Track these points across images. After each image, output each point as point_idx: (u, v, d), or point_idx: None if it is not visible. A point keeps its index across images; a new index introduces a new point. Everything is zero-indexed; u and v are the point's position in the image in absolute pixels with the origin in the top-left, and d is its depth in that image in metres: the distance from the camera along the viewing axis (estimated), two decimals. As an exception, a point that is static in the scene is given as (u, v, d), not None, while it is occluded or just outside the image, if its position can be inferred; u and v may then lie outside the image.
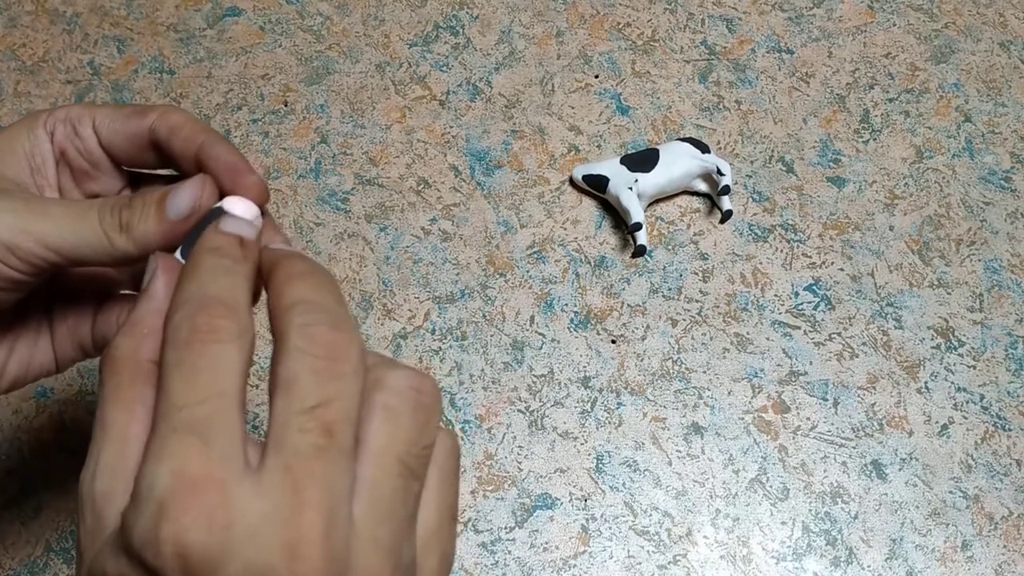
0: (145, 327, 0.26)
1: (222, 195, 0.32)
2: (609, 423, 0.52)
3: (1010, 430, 0.52)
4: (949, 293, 0.56)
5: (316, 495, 0.22)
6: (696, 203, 0.58)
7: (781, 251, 0.57)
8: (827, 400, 0.53)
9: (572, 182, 0.59)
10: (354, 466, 0.24)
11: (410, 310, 0.55)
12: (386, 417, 0.24)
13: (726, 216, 0.56)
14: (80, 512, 0.25)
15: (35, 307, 0.36)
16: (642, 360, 0.54)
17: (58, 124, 0.34)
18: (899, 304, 0.55)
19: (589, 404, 0.52)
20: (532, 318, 0.55)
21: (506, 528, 0.49)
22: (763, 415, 0.52)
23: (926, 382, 0.53)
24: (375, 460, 0.24)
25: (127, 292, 0.38)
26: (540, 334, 0.54)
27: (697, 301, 0.55)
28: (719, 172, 0.55)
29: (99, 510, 0.24)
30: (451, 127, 0.61)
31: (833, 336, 0.54)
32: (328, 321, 0.25)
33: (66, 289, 0.37)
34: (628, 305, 0.55)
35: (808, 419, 0.52)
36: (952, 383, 0.53)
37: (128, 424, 0.25)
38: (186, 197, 0.30)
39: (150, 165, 0.35)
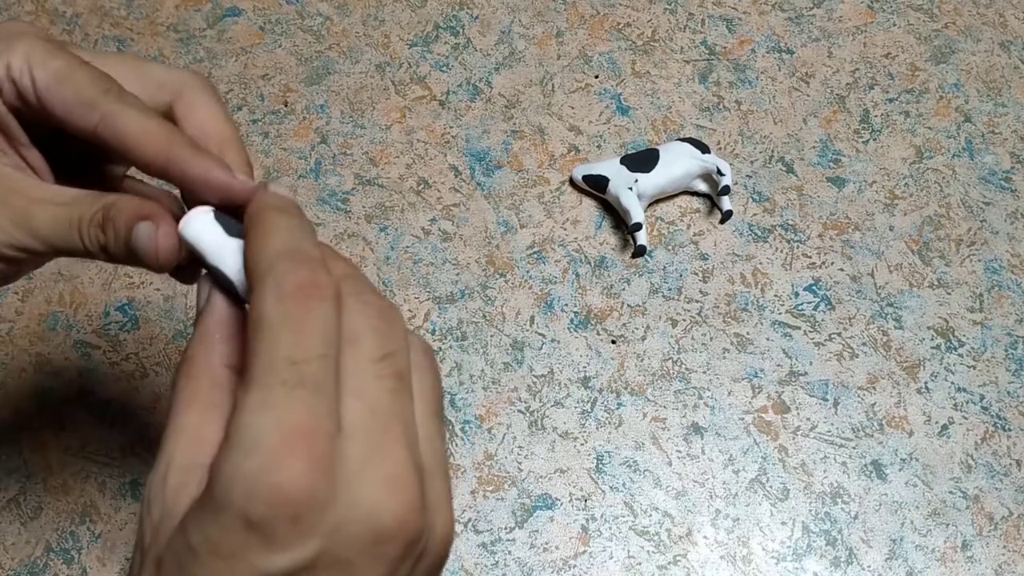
0: (217, 334, 0.28)
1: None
2: (609, 423, 0.52)
3: (1010, 430, 0.52)
4: (949, 293, 0.56)
5: (400, 432, 0.25)
6: (696, 203, 0.58)
7: (781, 251, 0.57)
8: (827, 400, 0.53)
9: (572, 182, 0.59)
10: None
11: (410, 310, 0.55)
12: (420, 374, 0.27)
13: (726, 216, 0.56)
14: (146, 511, 0.26)
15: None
16: (642, 360, 0.54)
17: (3, 82, 0.31)
18: (899, 304, 0.55)
19: (589, 404, 0.52)
20: (532, 318, 0.55)
21: (506, 528, 0.49)
22: (763, 415, 0.52)
23: (926, 382, 0.53)
24: (421, 407, 0.27)
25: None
26: (540, 334, 0.54)
27: (697, 301, 0.55)
28: (719, 172, 0.55)
29: (170, 505, 0.25)
30: (451, 127, 0.61)
31: (833, 336, 0.54)
32: (373, 290, 0.27)
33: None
34: (628, 305, 0.55)
35: (808, 419, 0.52)
36: (952, 383, 0.53)
37: (203, 426, 0.26)
38: (146, 243, 0.30)
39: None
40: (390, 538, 0.24)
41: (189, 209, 0.30)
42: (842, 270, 0.56)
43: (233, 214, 0.30)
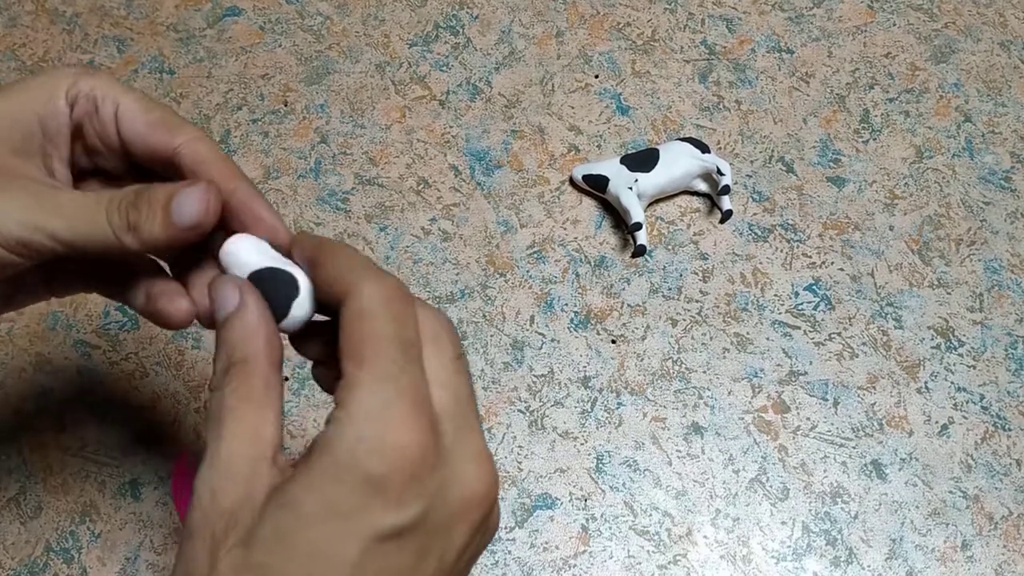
0: (264, 334, 0.30)
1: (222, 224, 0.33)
2: (609, 423, 0.52)
3: (1010, 430, 0.52)
4: (949, 293, 0.56)
5: (475, 419, 0.29)
6: (696, 203, 0.58)
7: (781, 251, 0.57)
8: (827, 400, 0.53)
9: (572, 182, 0.59)
10: None
11: (410, 310, 0.55)
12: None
13: (726, 216, 0.56)
14: (210, 498, 0.27)
15: (36, 278, 0.37)
16: (642, 360, 0.54)
17: (80, 99, 0.33)
18: (899, 304, 0.55)
19: (589, 404, 0.52)
20: (532, 318, 0.55)
21: (506, 528, 0.49)
22: (763, 415, 0.52)
23: (926, 382, 0.53)
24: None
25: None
26: (540, 334, 0.54)
27: (697, 301, 0.55)
28: (719, 172, 0.55)
29: (245, 491, 0.27)
30: (451, 127, 0.61)
31: (833, 336, 0.54)
32: (436, 308, 0.31)
33: (66, 269, 0.37)
34: (628, 305, 0.55)
35: (808, 419, 0.52)
36: (952, 383, 0.53)
37: (260, 424, 0.28)
38: (192, 208, 0.31)
39: (164, 175, 0.34)
40: (476, 505, 0.28)
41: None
42: (842, 270, 0.56)
43: None
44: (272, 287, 0.31)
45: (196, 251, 0.35)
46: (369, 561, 0.26)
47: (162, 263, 0.36)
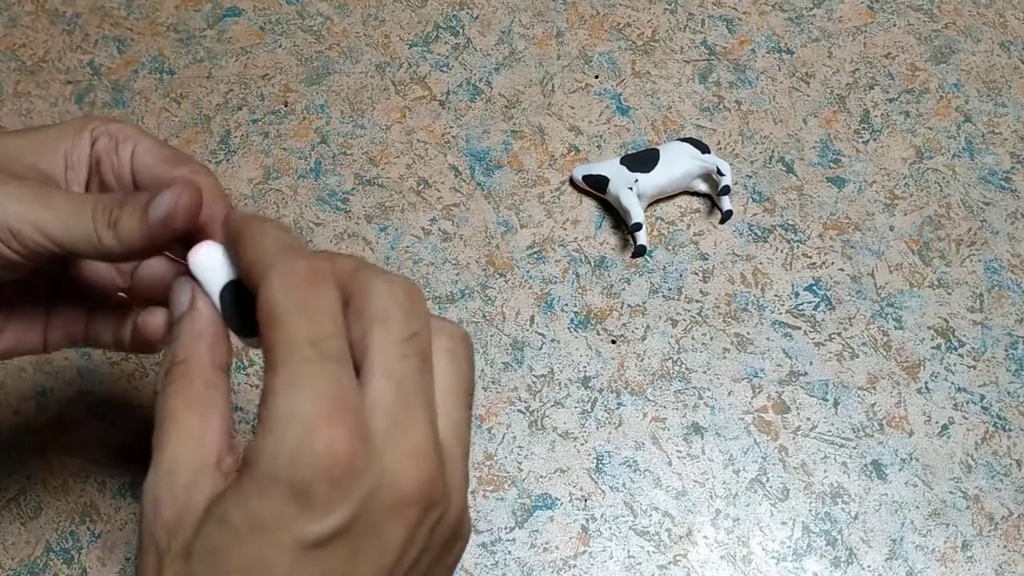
0: (209, 337, 0.29)
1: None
2: (609, 423, 0.52)
3: (1010, 430, 0.52)
4: (949, 293, 0.56)
5: (423, 410, 0.27)
6: (696, 203, 0.58)
7: (781, 251, 0.57)
8: (827, 400, 0.53)
9: (572, 182, 0.59)
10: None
11: (410, 310, 0.55)
12: (451, 359, 0.29)
13: (726, 216, 0.56)
14: (153, 513, 0.27)
15: (38, 295, 0.38)
16: (642, 360, 0.54)
17: (102, 136, 0.36)
18: (899, 304, 0.55)
19: (589, 404, 0.52)
20: (532, 318, 0.55)
21: (506, 528, 0.49)
22: (763, 415, 0.52)
23: (926, 382, 0.53)
24: (449, 393, 0.29)
25: (122, 295, 0.39)
26: (540, 334, 0.54)
27: (697, 301, 0.55)
28: (719, 172, 0.55)
29: (185, 501, 0.27)
30: (451, 127, 0.61)
31: (833, 336, 0.54)
32: (401, 277, 0.29)
33: (70, 286, 0.39)
34: (628, 305, 0.55)
35: (808, 419, 0.52)
36: (952, 383, 0.53)
37: (203, 427, 0.28)
38: (164, 200, 0.32)
39: None
40: (410, 503, 0.26)
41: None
42: (842, 270, 0.56)
43: None
44: (243, 301, 0.30)
45: None
46: (300, 571, 0.25)
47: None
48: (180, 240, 0.33)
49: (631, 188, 0.55)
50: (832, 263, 0.56)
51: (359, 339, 0.27)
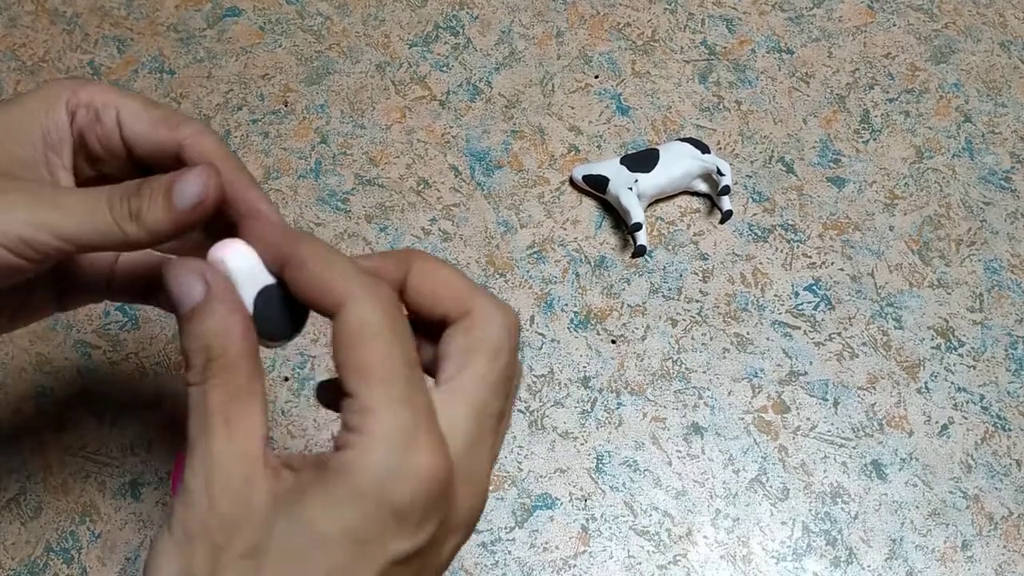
0: (238, 330, 0.29)
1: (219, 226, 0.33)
2: (609, 423, 0.52)
3: (1010, 430, 0.52)
4: (949, 293, 0.56)
5: (490, 448, 0.30)
6: (696, 203, 0.58)
7: (781, 251, 0.57)
8: (827, 400, 0.53)
9: (572, 182, 0.59)
10: None
11: (410, 310, 0.55)
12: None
13: (726, 216, 0.56)
14: (205, 501, 0.27)
15: (44, 287, 0.38)
16: (642, 360, 0.54)
17: (80, 107, 0.34)
18: (899, 304, 0.55)
19: (589, 404, 0.52)
20: (532, 318, 0.55)
21: (506, 528, 0.49)
22: (763, 415, 0.52)
23: (926, 382, 0.53)
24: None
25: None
26: (540, 334, 0.54)
27: (697, 301, 0.55)
28: (719, 172, 0.55)
29: (244, 496, 0.27)
30: (451, 127, 0.61)
31: (833, 336, 0.54)
32: (511, 309, 0.31)
33: (72, 277, 0.38)
34: (628, 305, 0.55)
35: (808, 419, 0.52)
36: (952, 383, 0.53)
37: (252, 420, 0.28)
38: (193, 188, 0.31)
39: (168, 169, 0.34)
40: (465, 526, 0.29)
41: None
42: (842, 270, 0.56)
43: None
44: (279, 308, 0.30)
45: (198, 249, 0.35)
46: None
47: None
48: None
49: (631, 188, 0.55)
50: (832, 263, 0.56)
51: (458, 352, 0.29)
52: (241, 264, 0.30)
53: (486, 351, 0.29)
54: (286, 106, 0.61)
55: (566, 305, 0.55)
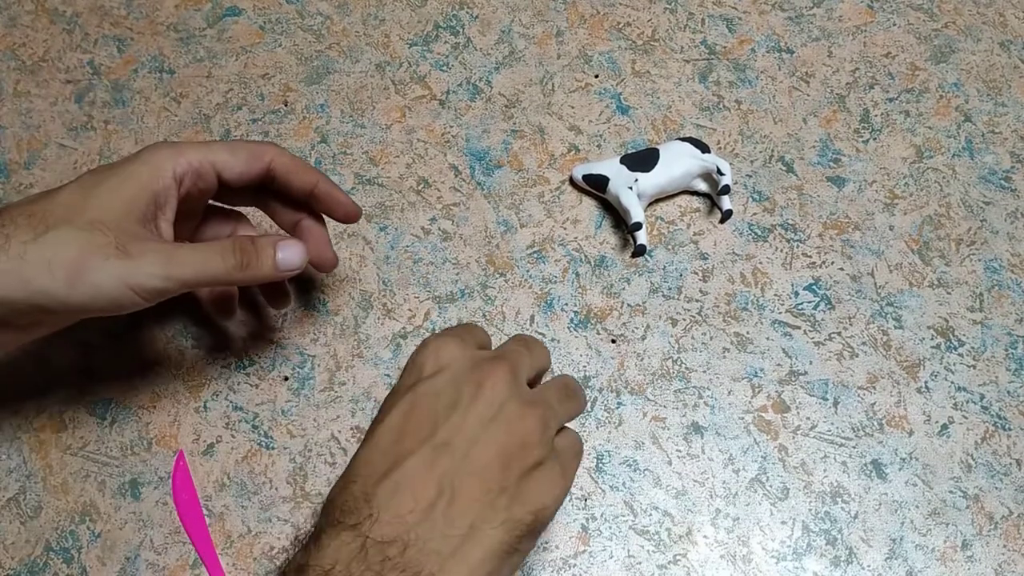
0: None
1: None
2: (609, 423, 0.52)
3: (1010, 430, 0.52)
4: (949, 293, 0.56)
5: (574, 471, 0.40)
6: (696, 203, 0.58)
7: (781, 251, 0.57)
8: (827, 400, 0.53)
9: (572, 182, 0.59)
10: None
11: (410, 310, 0.55)
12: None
13: (726, 216, 0.56)
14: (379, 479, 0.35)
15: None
16: (642, 360, 0.54)
17: (188, 175, 0.44)
18: (899, 304, 0.55)
19: (589, 404, 0.52)
20: (532, 318, 0.55)
21: (506, 528, 0.49)
22: (763, 415, 0.52)
23: (926, 382, 0.53)
24: None
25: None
26: (540, 334, 0.54)
27: (697, 301, 0.55)
28: (719, 172, 0.55)
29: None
30: (451, 127, 0.61)
31: (833, 336, 0.54)
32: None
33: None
34: (628, 305, 0.55)
35: (808, 419, 0.52)
36: (952, 383, 0.53)
37: None
38: (296, 259, 0.44)
39: (254, 193, 0.49)
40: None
41: None
42: (842, 270, 0.56)
43: None
44: None
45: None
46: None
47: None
48: None
49: (631, 188, 0.55)
50: (832, 263, 0.56)
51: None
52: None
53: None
54: (286, 105, 0.61)
55: (566, 305, 0.55)
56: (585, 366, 0.53)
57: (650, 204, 0.58)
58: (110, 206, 0.41)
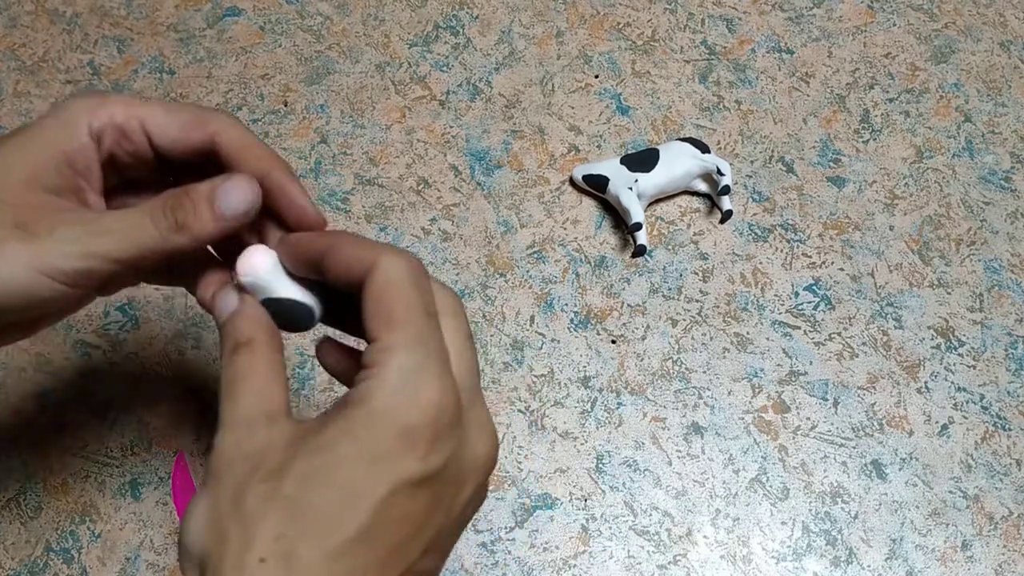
0: (263, 325, 0.32)
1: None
2: (609, 423, 0.52)
3: (1010, 430, 0.52)
4: (949, 293, 0.56)
5: (481, 393, 0.33)
6: (696, 203, 0.58)
7: (781, 251, 0.57)
8: (827, 400, 0.53)
9: (572, 182, 0.59)
10: None
11: (410, 310, 0.55)
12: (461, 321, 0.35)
13: (726, 216, 0.56)
14: (233, 445, 0.29)
15: None
16: (642, 360, 0.54)
17: (105, 130, 0.34)
18: (899, 304, 0.55)
19: (589, 404, 0.52)
20: (532, 318, 0.55)
21: (506, 528, 0.49)
22: (763, 415, 0.52)
23: (926, 382, 0.53)
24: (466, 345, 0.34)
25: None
26: (540, 334, 0.54)
27: (697, 301, 0.55)
28: (719, 172, 0.55)
29: (267, 435, 0.30)
30: (451, 127, 0.61)
31: (833, 336, 0.54)
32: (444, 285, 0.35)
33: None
34: (628, 305, 0.55)
35: (808, 419, 0.52)
36: (952, 383, 0.53)
37: (275, 381, 0.31)
38: (239, 197, 0.33)
39: (200, 167, 0.35)
40: (482, 467, 0.31)
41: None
42: (842, 270, 0.56)
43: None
44: (290, 315, 0.34)
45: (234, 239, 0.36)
46: (392, 504, 0.28)
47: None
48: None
49: (631, 188, 0.55)
50: (832, 263, 0.56)
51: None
52: (265, 268, 0.33)
53: (450, 317, 0.32)
54: (286, 106, 0.61)
55: (566, 305, 0.55)
56: (585, 366, 0.53)
57: (650, 204, 0.58)
58: (5, 174, 0.32)
